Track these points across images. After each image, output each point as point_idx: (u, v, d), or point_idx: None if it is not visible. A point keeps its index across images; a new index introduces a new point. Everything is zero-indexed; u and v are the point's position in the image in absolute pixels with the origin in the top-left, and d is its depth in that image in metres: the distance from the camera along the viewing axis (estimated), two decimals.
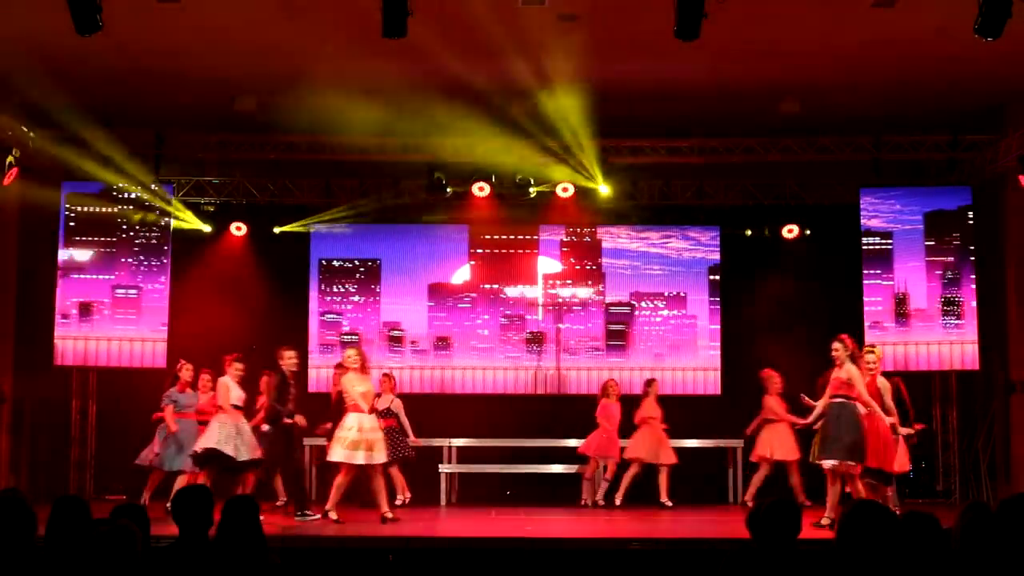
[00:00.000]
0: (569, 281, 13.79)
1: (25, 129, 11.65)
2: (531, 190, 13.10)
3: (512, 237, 13.81)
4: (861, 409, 9.42)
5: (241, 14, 9.56)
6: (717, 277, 13.69)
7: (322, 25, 9.71)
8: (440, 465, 12.53)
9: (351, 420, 9.89)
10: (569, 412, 13.37)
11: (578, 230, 13.81)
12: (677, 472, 12.13)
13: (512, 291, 13.74)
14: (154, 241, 12.78)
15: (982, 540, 4.04)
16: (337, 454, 9.90)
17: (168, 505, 10.05)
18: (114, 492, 12.40)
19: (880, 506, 4.03)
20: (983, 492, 12.48)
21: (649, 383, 12.50)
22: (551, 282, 13.78)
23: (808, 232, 13.59)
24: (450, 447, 12.81)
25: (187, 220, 13.12)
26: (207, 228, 13.40)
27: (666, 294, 13.72)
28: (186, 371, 11.19)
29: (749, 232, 13.72)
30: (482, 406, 13.43)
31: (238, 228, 13.48)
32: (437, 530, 10.08)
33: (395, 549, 8.09)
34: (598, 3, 9.37)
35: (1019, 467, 12.05)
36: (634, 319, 13.70)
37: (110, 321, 12.56)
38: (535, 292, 13.74)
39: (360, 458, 9.82)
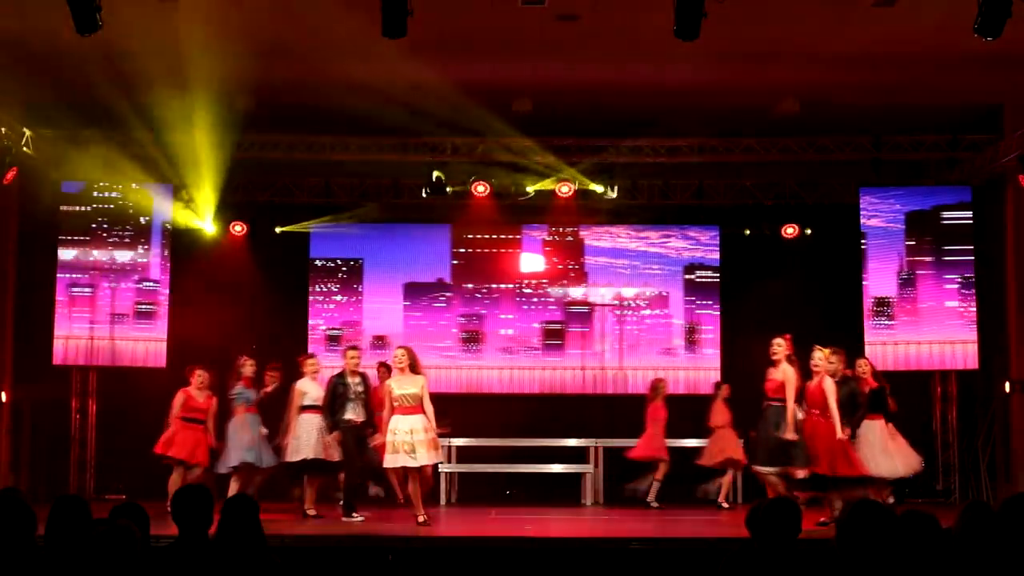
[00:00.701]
0: (545, 281, 13.76)
1: (25, 129, 11.65)
2: (529, 190, 13.10)
3: (495, 237, 13.76)
4: (799, 413, 9.35)
5: (241, 14, 9.55)
6: (693, 276, 13.69)
7: (322, 25, 9.70)
8: (440, 465, 12.51)
9: (392, 423, 9.67)
10: (568, 412, 13.41)
11: (560, 230, 13.78)
12: (676, 472, 12.12)
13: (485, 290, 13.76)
14: (152, 241, 12.77)
15: (982, 540, 4.04)
16: (385, 461, 9.81)
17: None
18: (114, 492, 12.39)
19: (880, 506, 4.02)
20: (983, 492, 12.48)
21: (718, 386, 12.40)
22: (528, 281, 13.76)
23: (808, 232, 13.60)
24: (450, 447, 12.79)
25: (194, 214, 13.09)
26: (211, 228, 13.38)
27: (648, 293, 13.71)
28: (248, 367, 11.00)
29: (748, 232, 13.72)
30: (477, 406, 13.44)
31: (238, 228, 13.47)
32: (437, 530, 10.06)
33: (395, 549, 8.09)
34: (598, 3, 9.37)
35: (1019, 467, 12.05)
36: (592, 318, 13.67)
37: (108, 321, 12.55)
38: (512, 291, 13.72)
39: (399, 461, 9.61)
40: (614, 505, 12.19)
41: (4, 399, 11.85)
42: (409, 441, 9.54)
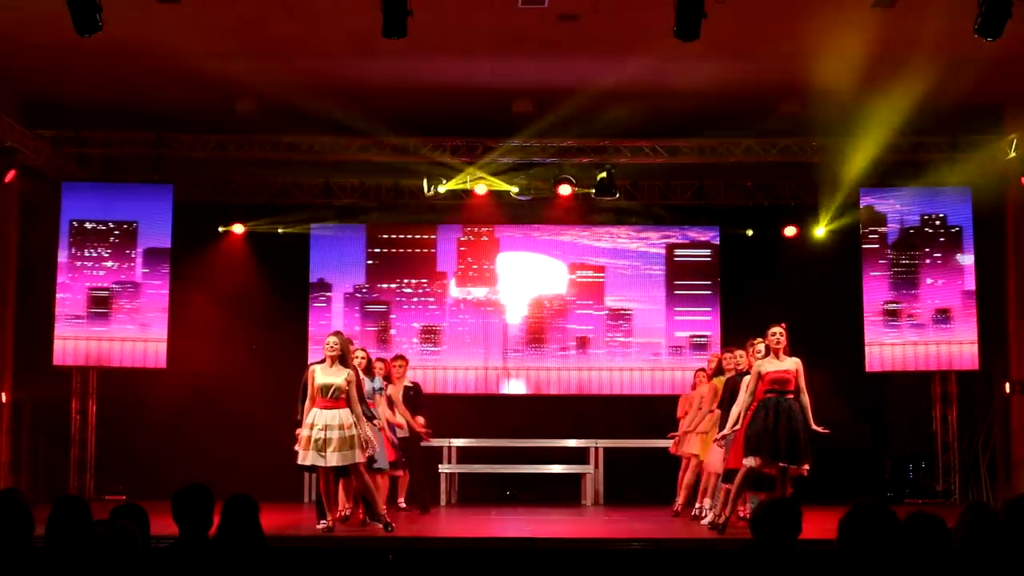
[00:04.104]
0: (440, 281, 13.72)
1: (25, 129, 11.65)
2: (519, 191, 13.08)
3: (409, 236, 13.69)
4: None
5: (241, 14, 9.55)
6: (575, 276, 13.66)
7: (322, 25, 9.71)
8: (440, 465, 12.53)
9: (310, 416, 8.85)
10: (568, 412, 13.42)
11: (475, 229, 13.73)
12: (674, 473, 12.11)
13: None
14: (153, 242, 12.75)
15: (983, 541, 4.04)
16: (298, 456, 9.08)
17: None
18: (114, 492, 12.38)
19: (882, 506, 4.01)
20: (983, 492, 12.48)
21: None
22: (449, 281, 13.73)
23: (808, 232, 13.57)
24: (450, 447, 12.80)
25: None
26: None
27: (649, 294, 13.66)
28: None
29: (750, 232, 13.67)
30: (477, 407, 13.44)
31: (238, 228, 13.47)
32: (437, 530, 10.06)
33: (395, 549, 8.09)
34: (598, 3, 9.37)
35: (1019, 468, 12.05)
36: (591, 319, 13.64)
37: (108, 321, 12.54)
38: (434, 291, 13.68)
39: (308, 459, 8.80)
40: (614, 505, 12.18)
41: (4, 399, 11.85)
42: (321, 438, 8.77)
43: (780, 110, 12.05)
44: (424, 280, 13.65)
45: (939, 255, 12.66)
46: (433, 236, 13.74)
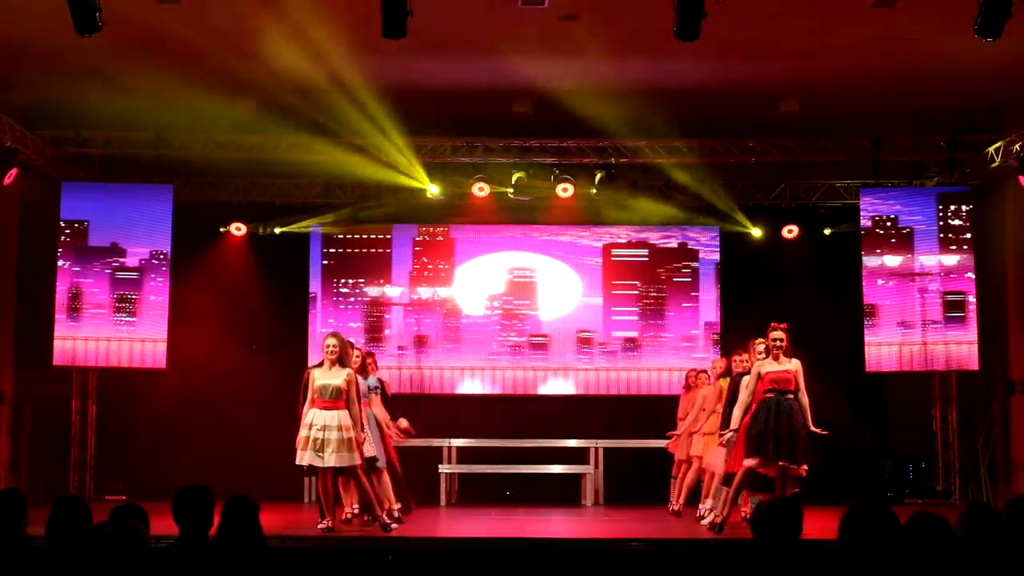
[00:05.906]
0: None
1: (25, 129, 11.64)
2: (511, 191, 13.08)
3: (364, 236, 13.65)
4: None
5: (241, 14, 9.55)
6: (518, 277, 13.65)
7: (322, 25, 9.70)
8: (440, 465, 12.53)
9: (308, 416, 8.89)
10: (569, 412, 13.41)
11: (431, 229, 13.72)
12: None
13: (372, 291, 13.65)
14: (155, 242, 12.74)
15: (983, 540, 4.04)
16: (297, 456, 8.97)
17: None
18: (114, 492, 12.38)
19: (882, 506, 4.01)
20: (983, 492, 12.48)
21: None
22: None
23: (808, 232, 13.57)
24: (450, 447, 12.80)
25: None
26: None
27: (650, 294, 13.65)
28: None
29: (757, 232, 13.63)
30: (479, 407, 13.43)
31: (238, 228, 13.47)
32: (437, 530, 10.07)
33: (395, 549, 8.09)
34: (598, 3, 9.37)
35: (1019, 467, 12.05)
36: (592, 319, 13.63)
37: (109, 321, 12.54)
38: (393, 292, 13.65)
39: (305, 458, 8.82)
40: (614, 505, 12.18)
41: (4, 399, 11.85)
42: (320, 438, 8.80)
43: (780, 110, 12.05)
44: (361, 280, 13.59)
45: (937, 254, 12.64)
46: (388, 236, 13.68)
